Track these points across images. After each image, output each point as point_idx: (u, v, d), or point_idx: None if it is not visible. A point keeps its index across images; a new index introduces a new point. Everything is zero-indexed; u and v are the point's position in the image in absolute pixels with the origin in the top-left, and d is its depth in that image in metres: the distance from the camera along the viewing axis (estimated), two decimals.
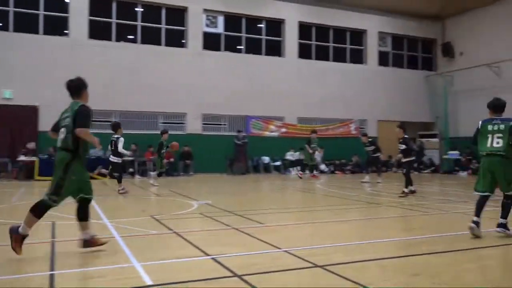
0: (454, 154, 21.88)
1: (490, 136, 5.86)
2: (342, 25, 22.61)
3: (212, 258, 4.66)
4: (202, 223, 7.07)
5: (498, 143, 5.78)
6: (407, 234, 6.11)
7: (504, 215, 5.89)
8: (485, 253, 5.10)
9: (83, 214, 4.89)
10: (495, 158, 5.80)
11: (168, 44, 19.63)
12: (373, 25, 23.13)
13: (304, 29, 22.03)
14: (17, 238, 4.63)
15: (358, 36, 23.21)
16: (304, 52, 21.91)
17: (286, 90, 20.95)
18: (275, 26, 21.61)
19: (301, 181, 16.09)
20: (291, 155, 20.46)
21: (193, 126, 19.69)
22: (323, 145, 20.28)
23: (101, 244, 4.92)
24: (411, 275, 4.17)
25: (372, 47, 23.14)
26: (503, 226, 5.88)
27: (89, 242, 4.88)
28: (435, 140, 23.45)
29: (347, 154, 21.68)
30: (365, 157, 15.02)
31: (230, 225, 6.63)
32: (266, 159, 20.51)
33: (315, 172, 17.50)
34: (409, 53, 24.50)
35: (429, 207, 8.98)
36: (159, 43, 19.50)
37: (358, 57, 23.12)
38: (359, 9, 22.80)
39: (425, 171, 21.66)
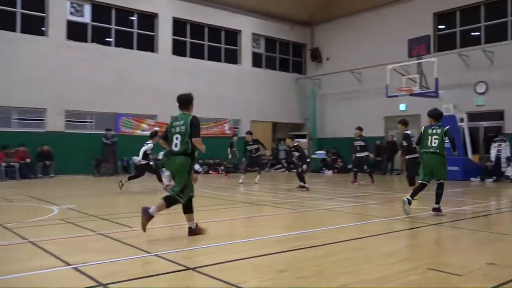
0: (321, 153, 23.47)
1: (430, 138, 7.79)
2: (217, 23, 22.79)
3: (74, 268, 4.36)
4: (63, 230, 6.52)
5: (435, 143, 7.70)
6: (278, 232, 6.30)
7: (437, 201, 7.84)
8: (350, 245, 5.48)
9: (189, 209, 5.91)
10: (433, 155, 7.73)
11: (25, 31, 17.74)
12: (247, 26, 23.74)
13: (179, 25, 21.70)
14: (148, 217, 5.73)
15: (233, 36, 23.61)
16: (178, 49, 21.59)
17: (159, 87, 20.42)
18: (148, 20, 20.91)
19: None
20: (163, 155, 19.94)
21: (54, 123, 18.10)
22: None
23: (203, 232, 5.93)
24: (279, 271, 4.32)
25: (246, 48, 23.73)
26: (436, 209, 7.83)
27: (194, 230, 5.90)
28: (305, 140, 24.90)
29: (221, 154, 21.91)
30: (246, 156, 14.93)
31: (96, 231, 6.25)
32: (136, 159, 19.65)
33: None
34: (281, 56, 25.65)
35: (299, 205, 9.42)
36: (13, 29, 17.52)
37: (232, 57, 23.52)
38: (235, 9, 23.22)
39: (294, 170, 22.83)
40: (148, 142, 12.04)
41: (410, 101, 19.10)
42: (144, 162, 12.10)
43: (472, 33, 20.03)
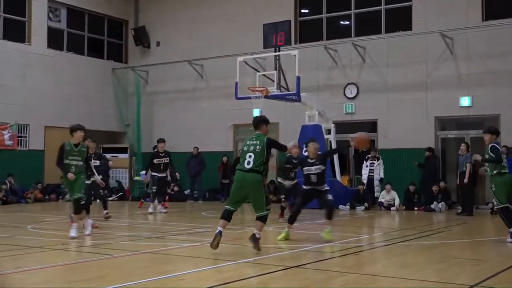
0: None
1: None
2: None
3: None
4: None
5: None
6: None
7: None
8: None
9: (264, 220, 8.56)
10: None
11: None
12: None
13: None
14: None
15: (18, 3, 22.24)
16: None
17: None
18: None
19: None
20: None
21: None
22: None
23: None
24: None
25: (38, 21, 22.51)
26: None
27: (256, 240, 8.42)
28: (125, 156, 24.44)
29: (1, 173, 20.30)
30: None
31: None
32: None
33: None
34: (91, 35, 24.95)
35: (114, 248, 9.19)
36: None
37: (16, 33, 22.11)
38: None
39: (111, 198, 22.28)
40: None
41: (266, 105, 20.05)
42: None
43: (341, 22, 21.99)
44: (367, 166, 18.71)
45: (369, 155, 18.76)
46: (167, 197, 17.15)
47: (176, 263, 7.95)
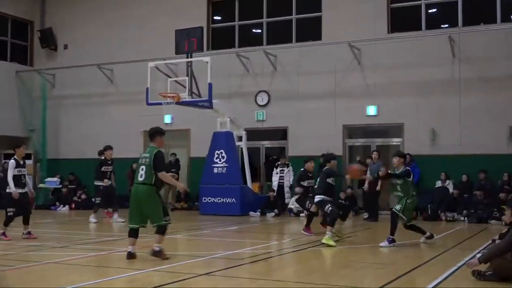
0: (52, 182, 22.54)
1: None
2: None
3: None
4: None
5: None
6: None
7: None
8: None
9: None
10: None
11: None
12: None
13: None
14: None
15: None
16: None
17: None
18: None
19: None
20: None
21: None
22: None
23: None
24: None
25: None
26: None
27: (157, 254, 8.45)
28: (29, 162, 23.54)
29: None
30: None
31: None
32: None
33: None
34: None
35: (15, 259, 8.90)
36: None
37: None
38: None
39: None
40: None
41: (177, 111, 19.95)
42: None
43: (253, 30, 22.26)
44: (277, 173, 19.00)
45: (279, 163, 19.09)
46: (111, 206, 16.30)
47: (82, 273, 7.75)
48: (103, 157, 15.99)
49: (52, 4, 24.96)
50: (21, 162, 11.72)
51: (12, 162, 11.63)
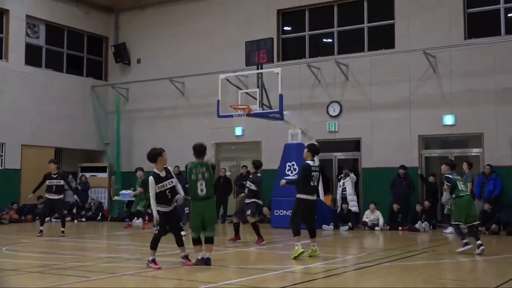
0: (127, 194, 23.08)
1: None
2: None
3: None
4: None
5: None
6: None
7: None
8: None
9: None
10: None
11: None
12: (18, 4, 22.51)
13: None
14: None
15: None
16: None
17: None
18: None
19: None
20: None
21: None
22: None
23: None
24: None
25: (16, 37, 22.42)
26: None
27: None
28: (104, 175, 24.30)
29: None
30: None
31: None
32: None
33: None
34: (70, 52, 24.88)
35: (92, 270, 9.12)
36: None
37: None
38: None
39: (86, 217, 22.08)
40: None
41: (248, 123, 20.11)
42: None
43: (324, 40, 22.19)
44: (340, 186, 18.94)
45: (341, 175, 19.05)
46: None
47: (157, 284, 7.89)
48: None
49: (125, 19, 25.73)
50: (163, 174, 9.65)
51: (150, 179, 9.52)
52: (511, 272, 9.18)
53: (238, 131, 22.02)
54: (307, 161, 10.70)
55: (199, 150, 9.87)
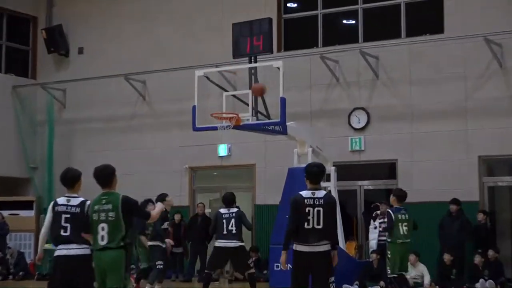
0: None
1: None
2: None
3: None
4: None
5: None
6: None
7: None
8: None
9: None
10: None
11: None
12: None
13: None
14: None
15: None
16: None
17: None
18: None
19: None
20: None
21: None
22: None
23: None
24: None
25: None
26: None
27: None
28: (30, 213, 23.91)
29: None
30: None
31: None
32: None
33: None
34: None
35: None
36: None
37: None
38: None
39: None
40: None
41: (237, 139, 19.83)
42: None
43: (344, 21, 22.05)
44: (375, 228, 18.58)
45: (378, 212, 18.67)
46: None
47: None
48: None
49: None
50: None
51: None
52: None
53: (223, 150, 21.82)
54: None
55: (102, 175, 9.45)
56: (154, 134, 23.10)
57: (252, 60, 18.16)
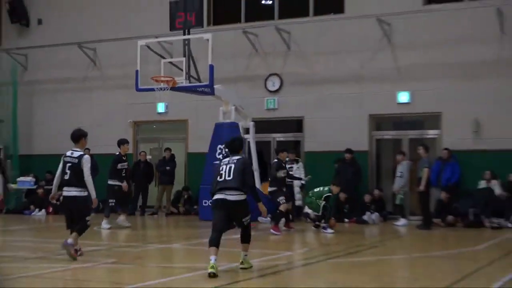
0: (26, 182, 22.69)
1: None
2: None
3: None
4: None
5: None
6: None
7: None
8: None
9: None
10: None
11: None
12: None
13: None
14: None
15: None
16: None
17: None
18: None
19: None
20: None
21: None
22: None
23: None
24: None
25: None
26: None
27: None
28: None
29: None
30: None
31: None
32: None
33: None
34: None
35: None
36: None
37: None
38: None
39: None
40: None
41: (172, 98, 20.04)
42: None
43: (263, 1, 22.30)
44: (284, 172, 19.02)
45: (287, 159, 19.03)
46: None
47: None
48: (117, 153, 16.70)
49: None
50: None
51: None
52: (468, 268, 9.66)
53: (161, 107, 21.98)
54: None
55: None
56: (103, 94, 23.11)
57: (186, 33, 18.42)
